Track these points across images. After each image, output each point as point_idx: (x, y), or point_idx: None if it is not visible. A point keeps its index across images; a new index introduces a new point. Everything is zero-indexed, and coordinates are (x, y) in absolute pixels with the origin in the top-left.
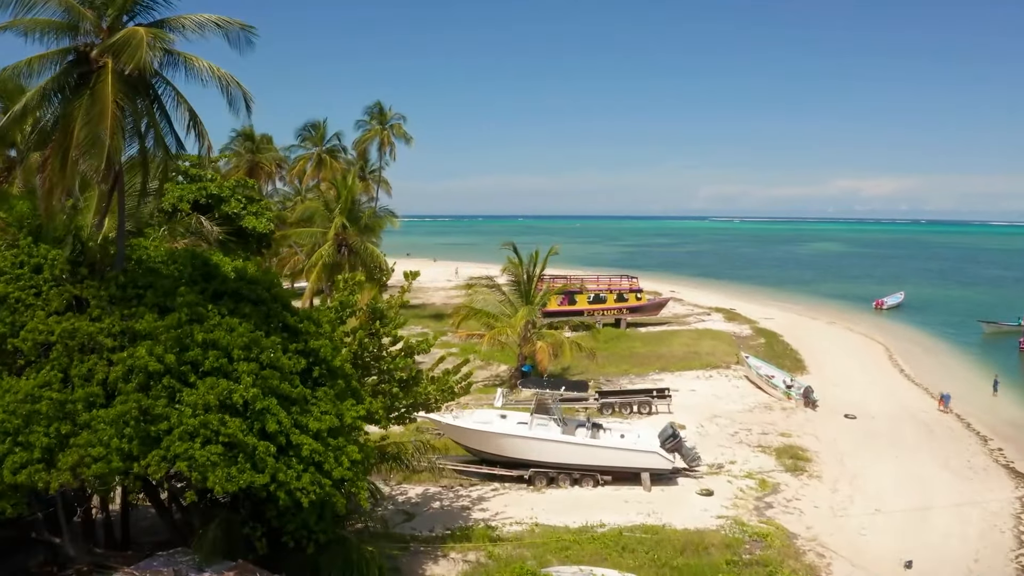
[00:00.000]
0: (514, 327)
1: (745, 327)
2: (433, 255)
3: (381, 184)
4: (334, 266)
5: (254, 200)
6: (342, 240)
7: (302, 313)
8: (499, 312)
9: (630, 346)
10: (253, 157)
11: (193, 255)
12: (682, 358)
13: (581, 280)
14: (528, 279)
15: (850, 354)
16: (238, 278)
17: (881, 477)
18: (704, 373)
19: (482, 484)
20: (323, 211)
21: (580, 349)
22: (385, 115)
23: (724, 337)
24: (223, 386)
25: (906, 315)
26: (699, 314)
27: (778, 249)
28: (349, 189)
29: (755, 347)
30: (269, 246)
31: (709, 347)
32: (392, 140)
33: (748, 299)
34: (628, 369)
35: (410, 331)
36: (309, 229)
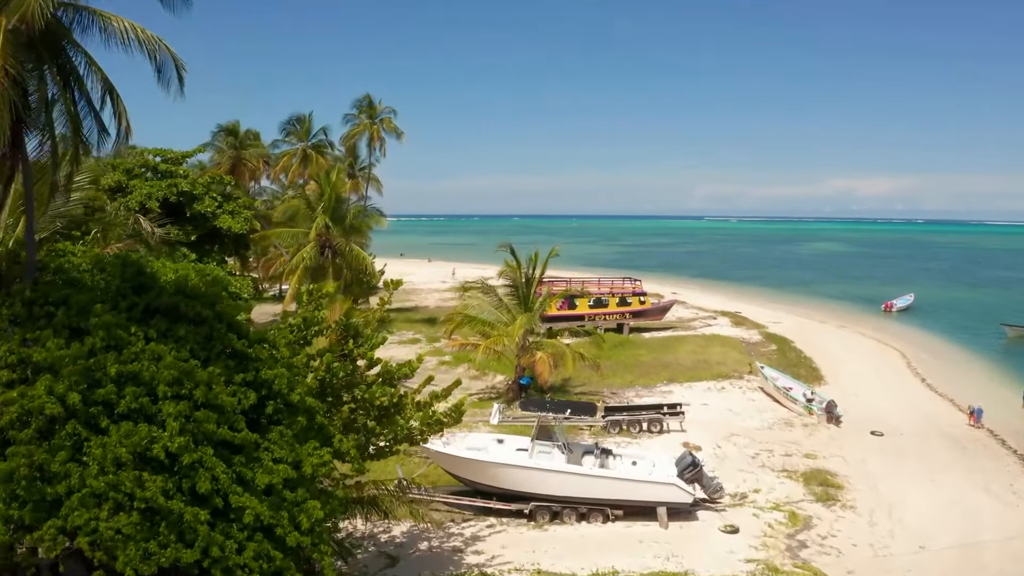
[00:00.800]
0: (511, 336)
1: (754, 332)
2: (428, 255)
3: (371, 182)
4: (317, 269)
5: (230, 198)
6: (325, 241)
7: (253, 335)
8: (495, 319)
9: (635, 354)
10: (236, 153)
11: (125, 262)
12: (691, 367)
13: (582, 283)
14: (527, 283)
15: (867, 361)
16: (176, 291)
17: (920, 506)
18: (716, 384)
19: (476, 519)
20: (305, 210)
21: (583, 359)
22: (375, 108)
23: (733, 344)
24: (142, 433)
25: (917, 318)
26: (705, 318)
27: (778, 249)
28: (333, 186)
29: (767, 354)
30: (247, 247)
31: (719, 355)
32: (382, 135)
33: (753, 301)
34: (634, 380)
35: (401, 336)
36: (290, 229)
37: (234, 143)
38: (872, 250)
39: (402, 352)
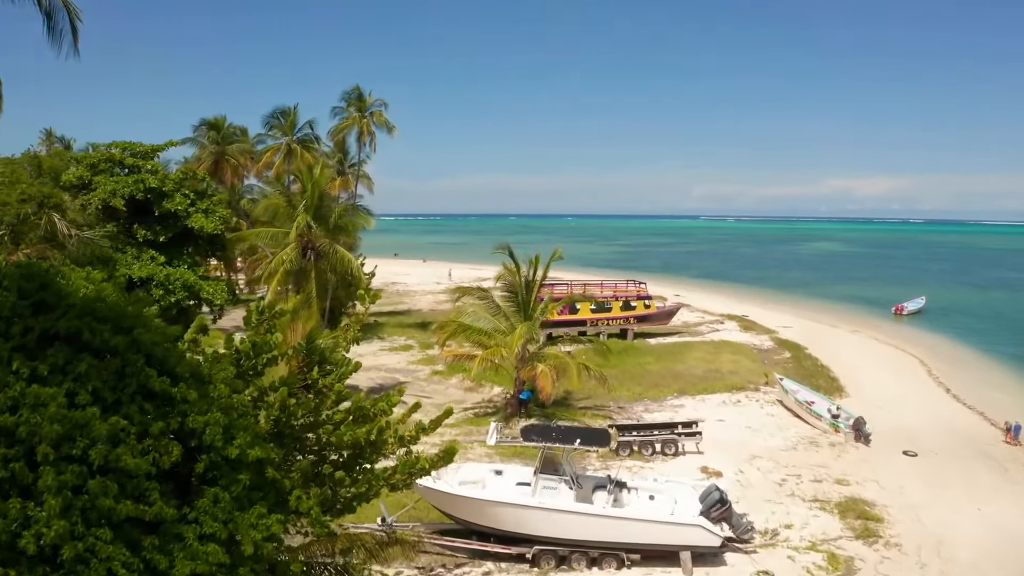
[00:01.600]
0: (510, 348)
1: (764, 338)
2: (423, 255)
3: (362, 179)
4: (299, 272)
5: (205, 195)
6: (307, 242)
7: (181, 368)
8: (492, 327)
9: (641, 362)
10: (220, 149)
11: (28, 273)
12: (702, 378)
13: (584, 286)
14: (527, 288)
15: (886, 370)
16: (82, 312)
17: (970, 540)
18: (731, 397)
19: (471, 564)
20: (286, 208)
21: (588, 372)
22: (364, 101)
23: (745, 351)
24: (12, 515)
25: (929, 321)
26: (711, 322)
27: (778, 249)
28: (316, 183)
29: (781, 363)
30: (223, 249)
31: (730, 363)
32: (372, 129)
33: (759, 304)
34: (642, 393)
35: (392, 342)
36: (269, 229)
37: (216, 138)
38: (872, 250)
39: (392, 360)
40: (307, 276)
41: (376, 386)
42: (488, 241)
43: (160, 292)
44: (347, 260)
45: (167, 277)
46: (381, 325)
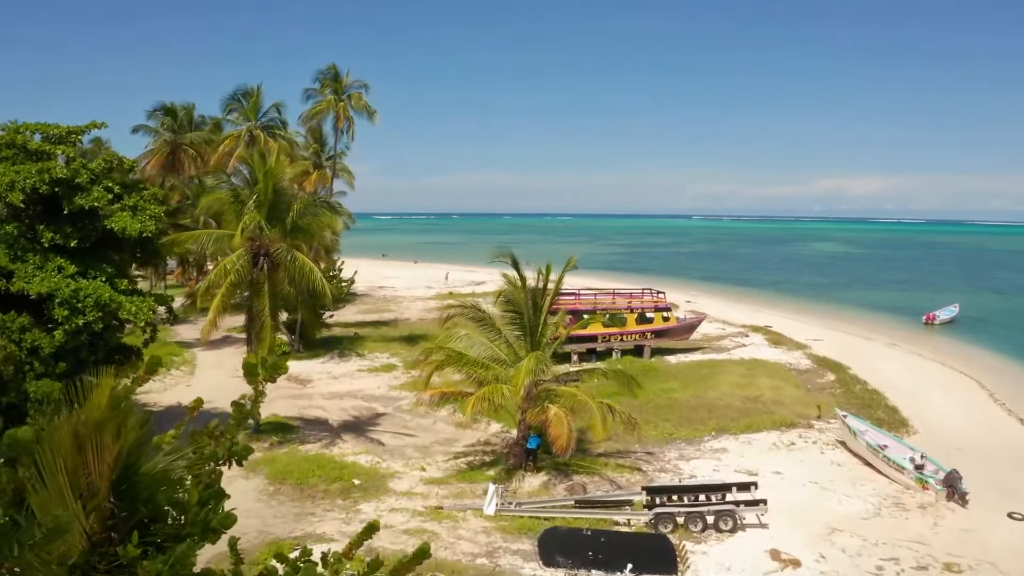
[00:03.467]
0: (514, 385)
1: (798, 354)
2: (415, 256)
3: (341, 173)
4: (251, 286)
5: (134, 189)
6: (259, 247)
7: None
8: (490, 356)
9: (665, 388)
10: (176, 138)
11: None
12: (742, 410)
13: (594, 295)
14: (535, 308)
15: (944, 395)
16: None
17: None
18: (781, 437)
19: None
20: (232, 205)
21: (613, 414)
22: (341, 82)
23: (782, 373)
24: None
25: (965, 332)
26: (734, 335)
27: (779, 250)
28: (269, 172)
29: (827, 388)
30: (156, 254)
31: (770, 390)
32: (350, 114)
33: (778, 311)
34: (672, 432)
35: (372, 360)
36: (210, 231)
37: (173, 125)
38: (876, 251)
39: (371, 384)
40: (258, 290)
41: (349, 419)
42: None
43: (64, 312)
44: (307, 270)
45: (75, 293)
46: (362, 339)
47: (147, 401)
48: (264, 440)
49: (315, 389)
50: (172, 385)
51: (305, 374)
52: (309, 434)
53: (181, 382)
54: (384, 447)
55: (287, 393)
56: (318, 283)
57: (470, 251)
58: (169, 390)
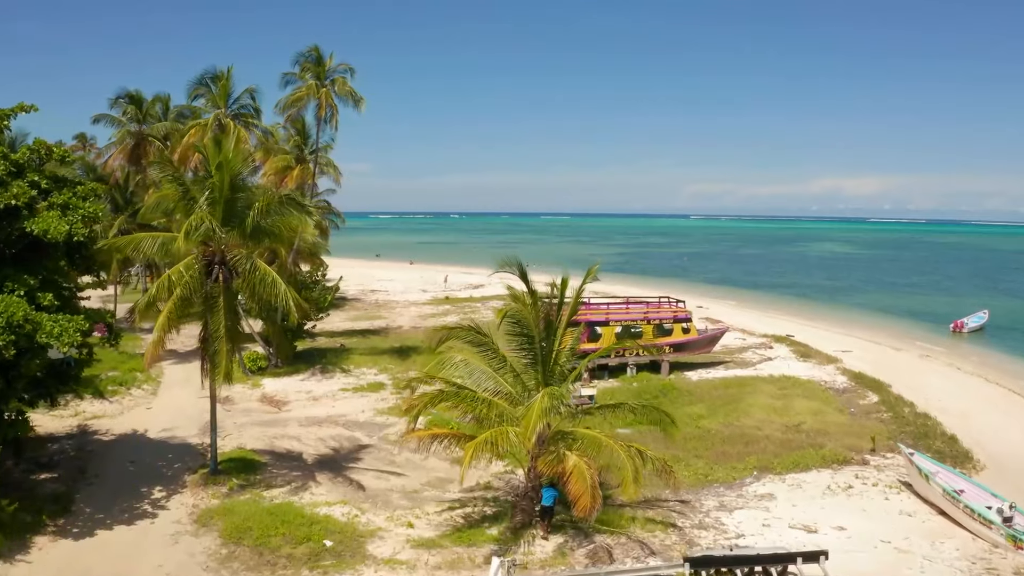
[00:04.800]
0: (525, 431)
1: (831, 369)
2: (410, 256)
3: (326, 168)
4: (206, 300)
5: (65, 184)
6: (213, 254)
7: None
8: (493, 388)
9: (692, 415)
10: (140, 129)
11: None
12: (783, 442)
13: (606, 305)
14: (548, 330)
15: (1000, 416)
16: None
17: None
18: (834, 478)
19: None
20: (181, 203)
21: (644, 461)
22: (323, 66)
23: (819, 393)
24: None
25: (998, 341)
26: (756, 347)
27: (783, 250)
28: (225, 163)
29: (872, 412)
30: (91, 262)
31: (810, 415)
32: (333, 101)
33: (796, 318)
34: (708, 472)
35: (359, 377)
36: (155, 234)
37: (137, 115)
38: (880, 252)
39: (355, 406)
40: (213, 306)
41: (327, 453)
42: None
43: None
44: (270, 281)
45: None
46: (348, 351)
47: (97, 428)
48: (223, 483)
49: (291, 413)
50: (130, 407)
51: (282, 394)
52: (278, 474)
53: (142, 403)
54: (365, 492)
55: (259, 419)
56: (282, 297)
57: (468, 251)
58: (126, 414)
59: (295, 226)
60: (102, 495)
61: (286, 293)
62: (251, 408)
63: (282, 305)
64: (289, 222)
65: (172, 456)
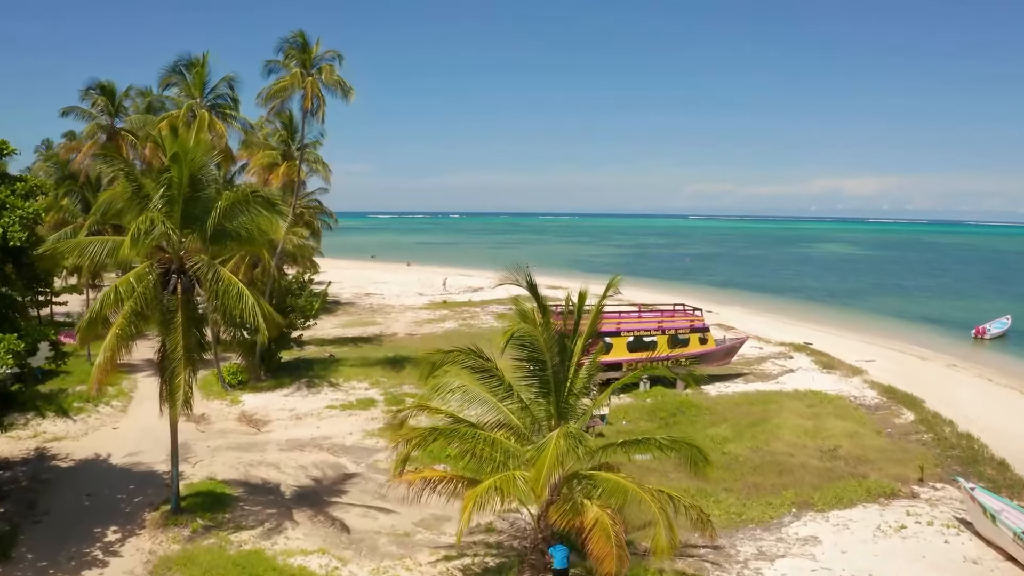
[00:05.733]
0: (536, 479)
1: (857, 382)
2: (407, 257)
3: (315, 165)
4: (163, 314)
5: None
6: (170, 262)
7: None
8: (495, 420)
9: (715, 439)
10: (112, 123)
11: None
12: (821, 471)
13: (619, 313)
14: (562, 355)
15: None
16: None
17: None
18: (884, 515)
19: None
20: (132, 201)
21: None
22: (309, 53)
23: (851, 411)
24: None
25: (1021, 348)
26: (775, 356)
27: (786, 251)
28: (184, 155)
29: (909, 430)
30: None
31: (846, 437)
32: (320, 91)
33: (810, 324)
34: (740, 509)
35: (348, 391)
36: (103, 239)
37: (109, 108)
38: (884, 253)
39: (342, 427)
40: (171, 322)
41: (308, 484)
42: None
43: None
44: (235, 292)
45: None
46: (337, 362)
47: (56, 452)
48: (186, 524)
49: (271, 435)
50: (96, 427)
51: (262, 412)
52: (250, 511)
53: (109, 422)
54: (348, 536)
55: (235, 441)
56: (249, 311)
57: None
58: (91, 434)
59: (265, 227)
60: (50, 537)
61: (254, 307)
62: (228, 429)
63: (251, 320)
64: (258, 222)
65: (134, 487)
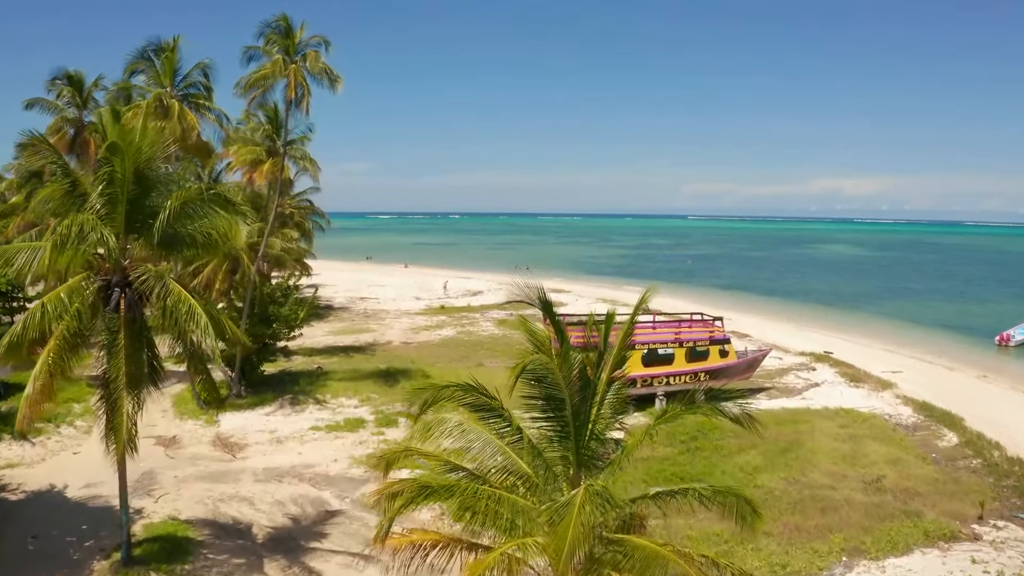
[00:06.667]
0: (555, 553)
1: (888, 397)
2: (405, 259)
3: (301, 162)
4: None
5: None
6: (111, 273)
7: None
8: (502, 464)
9: (744, 468)
10: (80, 116)
11: None
12: (868, 508)
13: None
14: (584, 391)
15: None
16: None
17: None
18: (946, 563)
19: None
20: (66, 199)
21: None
22: (293, 38)
23: (888, 432)
24: None
25: None
26: (796, 368)
27: (789, 252)
28: (125, 146)
29: (955, 455)
30: None
31: (889, 465)
32: (304, 79)
33: (825, 330)
34: (783, 559)
35: (335, 409)
36: (32, 244)
37: (76, 99)
38: (889, 254)
39: (326, 453)
40: (112, 345)
41: (283, 526)
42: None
43: None
44: (186, 311)
45: None
46: (325, 375)
47: (8, 482)
48: None
49: (247, 462)
50: (55, 451)
51: (239, 434)
52: (215, 561)
53: (70, 445)
54: None
55: (206, 470)
56: (202, 332)
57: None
58: (49, 460)
59: (224, 229)
60: None
61: (207, 327)
62: (200, 454)
63: (207, 344)
64: (215, 225)
65: (87, 527)
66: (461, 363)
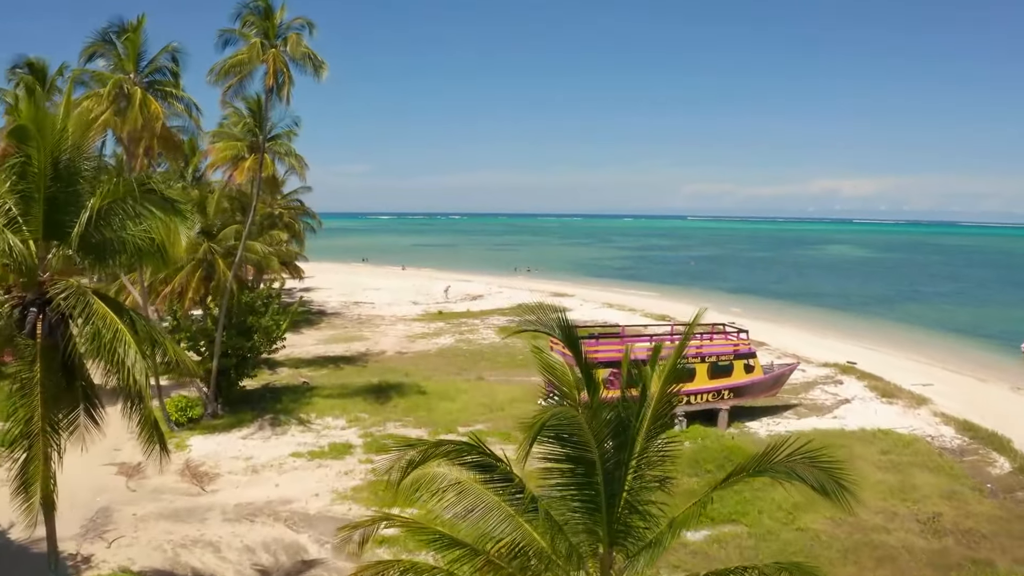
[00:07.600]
0: None
1: (925, 414)
2: (402, 261)
3: (287, 159)
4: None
5: None
6: (22, 293)
7: None
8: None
9: (781, 504)
10: None
11: None
12: (929, 556)
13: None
14: (619, 449)
15: None
16: None
17: None
18: None
19: None
20: None
21: None
22: (272, 20)
23: (934, 457)
24: None
25: None
26: (822, 381)
27: (791, 253)
28: (42, 129)
29: (1014, 486)
30: None
31: (945, 501)
32: (285, 65)
33: (843, 338)
34: None
35: (320, 430)
36: None
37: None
38: (893, 255)
39: (308, 484)
40: (27, 381)
41: None
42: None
43: None
44: (111, 338)
45: None
46: (311, 391)
47: None
48: None
49: (216, 496)
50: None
51: (211, 462)
52: None
53: None
54: None
55: (170, 506)
56: (131, 363)
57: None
58: None
59: (156, 232)
60: None
61: (137, 357)
62: (165, 486)
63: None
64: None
65: None
66: (460, 376)
